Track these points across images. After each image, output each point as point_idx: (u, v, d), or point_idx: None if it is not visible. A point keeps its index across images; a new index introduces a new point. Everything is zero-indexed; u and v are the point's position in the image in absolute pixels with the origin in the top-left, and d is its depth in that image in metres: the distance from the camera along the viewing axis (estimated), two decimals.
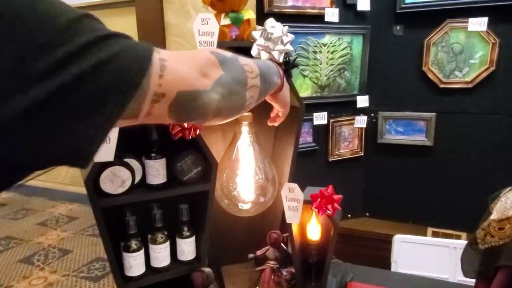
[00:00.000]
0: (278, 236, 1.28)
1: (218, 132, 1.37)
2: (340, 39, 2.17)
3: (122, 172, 0.96)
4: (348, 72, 2.24)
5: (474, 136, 2.14)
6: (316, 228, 1.26)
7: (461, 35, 2.08)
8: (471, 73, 2.09)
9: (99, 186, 0.95)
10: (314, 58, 2.14)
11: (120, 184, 0.97)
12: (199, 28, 1.10)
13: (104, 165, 0.94)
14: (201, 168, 1.10)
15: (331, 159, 2.30)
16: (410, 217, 2.37)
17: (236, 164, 1.27)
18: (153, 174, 1.02)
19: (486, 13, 1.97)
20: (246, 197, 1.28)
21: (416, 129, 2.26)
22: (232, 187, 1.29)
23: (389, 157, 2.35)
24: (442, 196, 2.26)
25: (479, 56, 2.06)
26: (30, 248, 2.99)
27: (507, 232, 0.97)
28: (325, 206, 1.17)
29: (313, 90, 2.18)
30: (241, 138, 1.26)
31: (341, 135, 2.31)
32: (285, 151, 1.34)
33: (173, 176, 1.07)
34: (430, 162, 2.26)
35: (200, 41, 1.12)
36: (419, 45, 2.15)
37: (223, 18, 1.18)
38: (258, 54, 1.16)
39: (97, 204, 0.94)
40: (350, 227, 2.40)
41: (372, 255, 2.30)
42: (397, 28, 2.19)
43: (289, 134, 1.33)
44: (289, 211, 1.20)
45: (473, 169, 2.16)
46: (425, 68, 2.16)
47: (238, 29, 1.19)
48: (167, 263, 1.10)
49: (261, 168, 1.28)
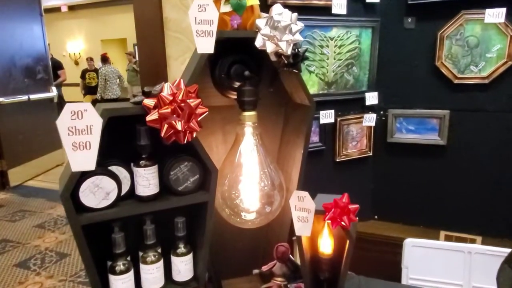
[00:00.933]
0: (286, 250, 1.13)
1: (218, 134, 1.21)
2: (348, 32, 2.00)
3: (106, 183, 0.80)
4: (356, 67, 2.08)
5: (491, 135, 1.98)
6: (329, 241, 1.11)
7: (477, 28, 1.91)
8: (488, 68, 1.92)
9: (79, 199, 0.79)
10: (320, 52, 1.97)
11: (104, 197, 0.81)
12: (195, 15, 0.94)
13: (84, 175, 0.78)
14: (198, 176, 0.94)
15: (339, 159, 2.14)
16: (421, 220, 2.21)
17: (238, 169, 1.11)
18: (143, 184, 0.86)
19: (504, 4, 1.80)
20: (250, 206, 1.12)
21: (428, 128, 2.09)
22: (234, 194, 1.13)
23: (400, 157, 2.19)
24: (456, 198, 2.10)
25: (496, 50, 1.90)
26: (26, 252, 2.85)
27: None
28: (339, 217, 1.02)
29: (320, 87, 2.02)
30: (244, 140, 1.10)
31: (349, 134, 2.15)
32: (293, 155, 1.18)
33: (166, 186, 0.91)
34: (443, 162, 2.10)
35: (197, 30, 0.96)
36: (432, 39, 1.99)
37: (223, 5, 1.02)
38: (264, 45, 1.00)
39: (75, 222, 0.78)
40: (358, 230, 2.24)
41: (381, 259, 2.16)
42: (409, 20, 2.02)
43: (297, 135, 1.17)
44: (298, 223, 1.04)
45: (489, 170, 2.00)
46: (438, 63, 1.99)
47: (240, 17, 1.03)
48: (161, 285, 0.94)
49: (267, 173, 1.12)
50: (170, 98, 0.79)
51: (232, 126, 1.18)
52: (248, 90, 1.04)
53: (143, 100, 0.81)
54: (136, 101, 0.82)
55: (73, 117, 0.74)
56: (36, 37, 4.20)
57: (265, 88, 1.16)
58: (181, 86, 0.82)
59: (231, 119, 1.16)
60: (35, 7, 4.16)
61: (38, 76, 4.21)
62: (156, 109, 0.79)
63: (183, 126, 0.81)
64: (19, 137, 3.98)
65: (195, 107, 0.82)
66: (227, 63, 1.10)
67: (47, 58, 4.42)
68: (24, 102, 3.95)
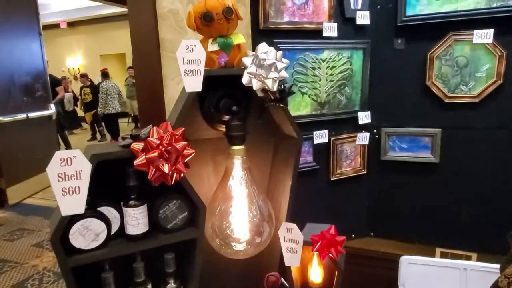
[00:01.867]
0: (276, 279, 1.15)
1: (209, 165, 1.24)
2: (340, 54, 2.04)
3: (95, 225, 0.83)
4: (348, 88, 2.11)
5: (482, 152, 2.00)
6: (318, 270, 1.13)
7: (466, 48, 1.95)
8: (477, 87, 1.95)
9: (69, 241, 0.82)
10: (313, 74, 2.01)
11: (94, 238, 0.84)
12: (183, 56, 0.98)
13: (73, 218, 0.81)
14: (187, 213, 0.96)
15: (333, 178, 2.17)
16: (416, 237, 2.23)
17: (228, 201, 1.14)
18: (132, 224, 0.88)
19: (492, 25, 1.84)
20: (241, 237, 1.15)
21: (420, 146, 2.12)
22: (225, 225, 1.15)
23: (393, 175, 2.21)
24: (450, 215, 2.12)
25: (486, 69, 1.93)
26: (24, 272, 2.87)
27: None
28: (327, 249, 1.04)
29: (313, 108, 2.05)
30: (233, 173, 1.12)
31: (342, 153, 2.17)
32: (283, 184, 1.20)
33: (156, 224, 0.93)
34: (436, 179, 2.12)
35: (185, 70, 0.99)
36: (422, 59, 2.02)
37: (211, 44, 1.05)
38: (250, 82, 1.03)
39: (65, 265, 0.81)
40: (354, 246, 2.27)
41: (378, 275, 2.17)
42: (399, 41, 2.06)
43: (286, 165, 1.19)
44: (287, 253, 1.07)
45: (481, 187, 2.02)
46: (429, 83, 2.02)
47: (228, 55, 1.06)
48: None
49: (256, 205, 1.14)
50: (157, 142, 0.82)
51: (223, 157, 1.21)
52: (236, 125, 1.07)
53: (131, 143, 0.84)
54: (125, 144, 0.85)
55: (63, 163, 0.77)
56: (35, 55, 4.25)
57: (254, 120, 1.19)
58: (169, 129, 0.85)
59: (222, 150, 1.19)
60: (34, 26, 4.22)
61: (37, 94, 4.26)
62: (144, 152, 0.82)
63: (170, 168, 0.83)
64: (18, 155, 4.01)
65: (181, 149, 0.85)
66: (215, 97, 1.13)
67: (46, 76, 4.47)
68: (23, 120, 3.99)
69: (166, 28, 2.51)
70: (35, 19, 4.25)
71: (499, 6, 1.84)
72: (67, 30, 11.99)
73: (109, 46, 11.86)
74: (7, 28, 3.87)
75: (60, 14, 10.96)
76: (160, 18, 2.49)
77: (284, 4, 1.88)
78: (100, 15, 10.97)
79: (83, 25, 11.85)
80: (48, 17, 10.59)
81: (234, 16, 1.05)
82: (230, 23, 1.05)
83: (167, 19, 2.48)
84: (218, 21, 1.02)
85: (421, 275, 2.01)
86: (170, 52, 2.56)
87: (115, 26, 11.28)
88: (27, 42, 4.13)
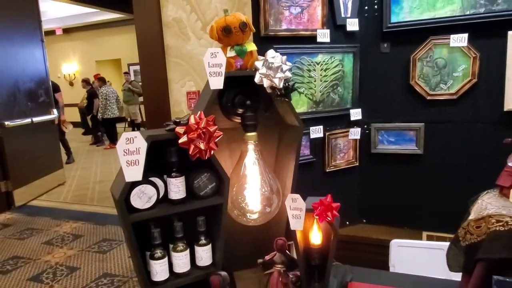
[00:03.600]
0: (283, 242, 1.45)
1: (225, 152, 1.55)
2: (332, 57, 2.37)
3: (148, 190, 1.13)
4: (340, 87, 2.43)
5: (460, 144, 2.33)
6: (318, 234, 1.43)
7: (444, 51, 2.28)
8: (455, 85, 2.28)
9: (129, 202, 1.12)
10: (308, 76, 2.33)
11: (147, 200, 1.14)
12: (208, 61, 1.29)
13: (133, 184, 1.11)
14: (215, 184, 1.27)
15: (328, 169, 2.48)
16: (405, 222, 2.54)
17: (243, 179, 1.44)
18: (174, 191, 1.19)
19: (466, 30, 2.18)
20: (254, 208, 1.45)
21: (406, 139, 2.44)
22: (241, 199, 1.46)
23: (383, 166, 2.54)
24: (434, 201, 2.43)
25: (462, 70, 2.26)
26: (38, 267, 3.10)
27: (483, 230, 1.14)
28: (325, 213, 1.34)
29: (309, 106, 2.37)
30: (247, 156, 1.43)
31: (336, 147, 2.49)
32: (287, 166, 1.52)
33: (191, 192, 1.23)
34: (421, 169, 2.44)
35: (210, 72, 1.30)
36: (406, 61, 2.35)
37: (229, 51, 1.37)
38: (261, 81, 1.34)
39: (127, 220, 1.11)
40: (348, 233, 2.56)
41: (371, 260, 2.44)
42: (385, 45, 2.39)
43: (290, 151, 1.51)
44: (293, 219, 1.37)
45: (460, 174, 2.34)
46: (412, 82, 2.35)
47: (243, 59, 1.37)
48: (188, 269, 1.27)
49: (267, 181, 1.45)
50: (196, 126, 1.12)
51: (236, 144, 1.52)
52: (249, 116, 1.38)
53: (174, 128, 1.14)
54: (170, 129, 1.15)
55: (127, 142, 1.07)
56: (38, 62, 4.53)
57: (263, 112, 1.49)
58: (202, 117, 1.16)
59: (235, 139, 1.50)
60: (36, 33, 4.50)
61: (40, 99, 4.53)
62: (185, 134, 1.12)
63: (205, 146, 1.14)
64: (24, 158, 4.26)
65: (213, 132, 1.16)
66: (232, 94, 1.44)
67: (48, 81, 4.75)
68: (27, 125, 4.25)
69: (171, 35, 2.83)
70: (38, 26, 4.54)
71: (472, 14, 2.18)
72: (62, 37, 12.32)
73: (105, 52, 12.18)
74: (12, 36, 4.15)
75: (56, 20, 11.24)
76: (165, 26, 2.81)
77: (282, 13, 2.20)
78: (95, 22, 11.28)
79: (78, 32, 12.18)
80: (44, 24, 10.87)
81: (248, 28, 1.36)
82: (244, 34, 1.37)
83: (172, 27, 2.80)
84: (236, 33, 1.34)
85: (410, 257, 2.30)
86: (175, 58, 2.87)
87: (110, 32, 11.64)
88: (30, 49, 4.42)
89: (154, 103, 3.00)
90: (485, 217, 1.15)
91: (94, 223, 3.87)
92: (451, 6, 2.21)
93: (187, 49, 2.76)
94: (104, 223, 3.83)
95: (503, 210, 1.12)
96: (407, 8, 2.29)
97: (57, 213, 4.18)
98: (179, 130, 1.13)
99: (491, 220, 1.11)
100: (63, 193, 4.96)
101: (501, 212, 1.12)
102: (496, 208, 1.15)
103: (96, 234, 3.62)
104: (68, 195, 4.88)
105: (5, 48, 4.06)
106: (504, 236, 1.05)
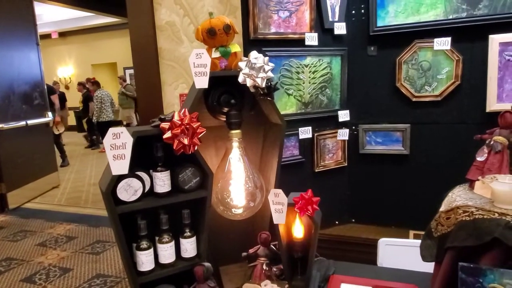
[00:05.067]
0: (267, 236, 1.52)
1: (211, 148, 1.62)
2: (320, 60, 2.45)
3: (134, 183, 1.20)
4: (329, 89, 2.52)
5: (445, 144, 2.41)
6: (300, 227, 1.50)
7: (428, 54, 2.37)
8: (439, 87, 2.37)
9: (116, 195, 1.19)
10: (297, 78, 2.41)
11: (133, 193, 1.21)
12: (194, 61, 1.37)
13: (120, 177, 1.18)
14: (199, 178, 1.35)
15: (317, 170, 2.56)
16: (392, 221, 2.61)
17: (228, 175, 1.52)
18: (160, 184, 1.26)
19: (449, 34, 2.27)
20: (238, 203, 1.53)
21: (393, 140, 2.53)
22: (226, 195, 1.53)
23: (371, 166, 2.61)
24: (420, 200, 2.51)
25: (446, 72, 2.35)
26: (31, 268, 3.16)
27: (452, 221, 1.22)
28: (305, 207, 1.42)
29: (298, 107, 2.45)
30: (232, 153, 1.51)
31: (325, 147, 2.57)
32: (271, 163, 1.59)
33: (176, 186, 1.31)
34: (407, 169, 2.52)
35: (195, 72, 1.38)
36: (392, 64, 2.44)
37: (214, 52, 1.45)
38: (244, 80, 1.42)
39: (114, 211, 1.18)
40: (338, 233, 2.64)
41: (359, 258, 2.51)
42: (371, 49, 2.48)
43: (273, 148, 1.59)
44: (275, 213, 1.44)
45: (445, 174, 2.41)
46: (398, 84, 2.44)
47: (227, 60, 1.46)
48: (173, 260, 1.34)
49: (250, 177, 1.53)
50: (179, 122, 1.20)
51: (222, 142, 1.59)
52: (233, 114, 1.46)
53: (159, 124, 1.22)
54: (155, 125, 1.23)
55: (114, 137, 1.15)
56: (33, 65, 4.61)
57: (248, 111, 1.57)
58: (186, 114, 1.24)
59: (221, 137, 1.58)
60: (31, 37, 4.59)
61: (35, 102, 4.61)
62: (170, 130, 1.20)
63: (189, 141, 1.21)
64: (18, 161, 4.33)
65: (196, 128, 1.24)
66: (217, 94, 1.52)
67: (43, 85, 4.83)
68: (22, 127, 4.32)
69: (164, 38, 2.92)
70: (33, 30, 4.63)
71: (455, 18, 2.27)
72: (58, 40, 12.47)
73: (101, 56, 12.31)
74: (6, 39, 4.23)
75: (52, 24, 11.37)
76: (159, 29, 2.90)
77: (271, 17, 2.29)
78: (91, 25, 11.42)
79: (74, 35, 12.31)
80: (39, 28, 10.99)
81: (232, 31, 1.45)
82: (228, 36, 1.45)
83: (165, 30, 2.88)
84: (220, 35, 1.42)
85: (397, 255, 2.38)
86: (168, 60, 2.96)
87: (106, 35, 11.77)
88: (25, 52, 4.50)
89: (148, 105, 3.08)
90: (454, 208, 1.23)
91: (88, 225, 3.93)
92: (434, 10, 2.30)
93: (180, 52, 2.84)
94: (98, 225, 3.89)
95: (470, 202, 1.20)
96: (393, 12, 2.38)
97: (51, 215, 4.24)
98: (164, 125, 1.21)
99: (458, 211, 1.19)
100: (57, 196, 5.03)
101: (468, 203, 1.19)
102: (464, 200, 1.23)
103: (89, 236, 3.68)
104: (62, 198, 4.94)
105: (0, 51, 4.14)
106: (469, 226, 1.13)
